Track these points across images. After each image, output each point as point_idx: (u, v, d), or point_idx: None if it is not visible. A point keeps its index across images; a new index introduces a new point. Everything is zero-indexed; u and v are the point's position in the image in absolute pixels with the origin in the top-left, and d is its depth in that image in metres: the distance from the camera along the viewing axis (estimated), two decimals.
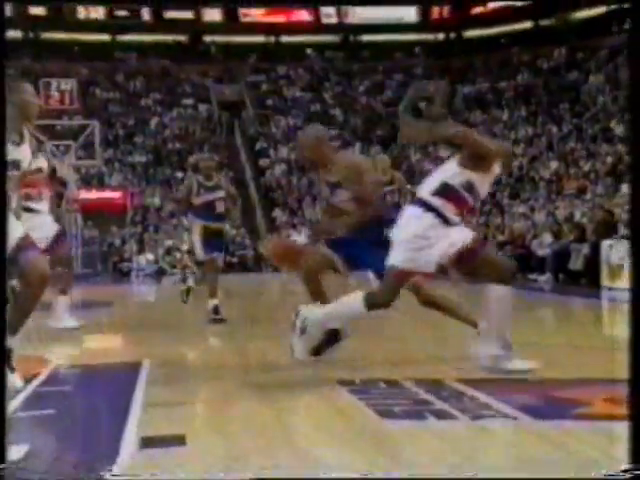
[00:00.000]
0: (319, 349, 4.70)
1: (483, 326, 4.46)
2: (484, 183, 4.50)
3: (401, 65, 35.31)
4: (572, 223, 15.48)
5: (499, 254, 4.95)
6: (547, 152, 25.22)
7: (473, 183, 4.42)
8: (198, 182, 8.19)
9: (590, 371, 4.49)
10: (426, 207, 4.38)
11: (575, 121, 26.14)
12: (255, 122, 32.65)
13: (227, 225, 8.93)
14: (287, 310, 7.76)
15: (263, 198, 28.51)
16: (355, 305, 4.50)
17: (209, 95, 33.73)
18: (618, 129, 23.16)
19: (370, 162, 5.32)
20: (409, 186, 10.38)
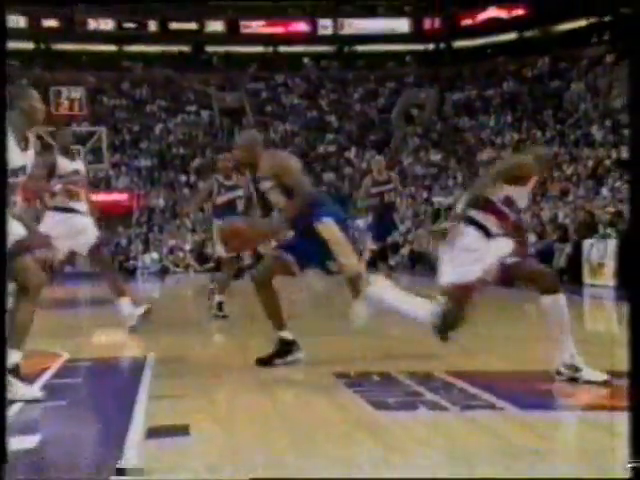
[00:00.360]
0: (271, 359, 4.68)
1: (560, 338, 4.07)
2: (523, 196, 4.30)
3: (393, 74, 35.31)
4: (555, 223, 15.49)
5: (540, 264, 4.64)
6: None
7: (511, 197, 4.22)
8: (218, 182, 8.01)
9: None
10: (468, 221, 4.17)
11: (558, 127, 26.17)
12: (255, 128, 32.61)
13: None
14: (288, 307, 7.77)
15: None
16: (422, 312, 4.35)
17: (211, 102, 33.70)
18: (598, 134, 23.19)
19: (294, 158, 5.07)
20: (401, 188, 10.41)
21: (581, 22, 31.79)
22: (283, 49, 36.99)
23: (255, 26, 37.37)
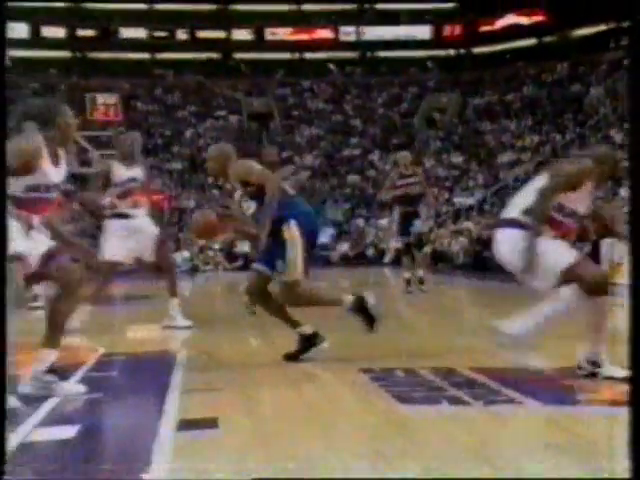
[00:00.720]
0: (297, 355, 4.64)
1: (593, 337, 3.90)
2: (579, 200, 4.02)
3: (416, 79, 35.20)
4: None
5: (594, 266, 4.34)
6: (552, 159, 25.01)
7: (564, 204, 3.97)
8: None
9: None
10: (521, 226, 3.90)
11: (578, 130, 25.91)
12: (281, 132, 32.67)
13: None
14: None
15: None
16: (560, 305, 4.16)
17: (239, 107, 33.81)
18: (617, 137, 22.92)
19: (256, 164, 4.88)
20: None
21: (600, 27, 31.45)
22: (308, 56, 37.03)
23: (281, 33, 37.46)
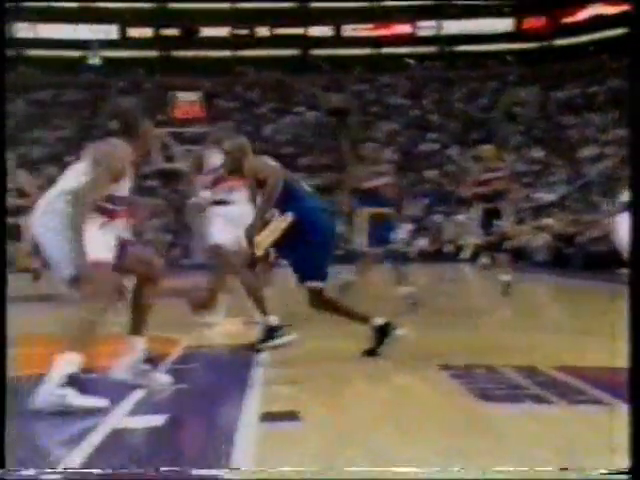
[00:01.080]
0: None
1: None
2: None
3: (495, 73, 34.57)
4: None
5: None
6: None
7: None
8: (365, 169, 7.65)
9: None
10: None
11: None
12: (359, 127, 32.65)
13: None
14: (394, 303, 7.70)
15: None
16: None
17: (318, 103, 33.93)
18: None
19: (273, 164, 4.83)
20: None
21: None
22: (387, 51, 36.85)
23: (359, 29, 37.41)
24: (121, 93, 33.93)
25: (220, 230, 6.24)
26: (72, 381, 3.25)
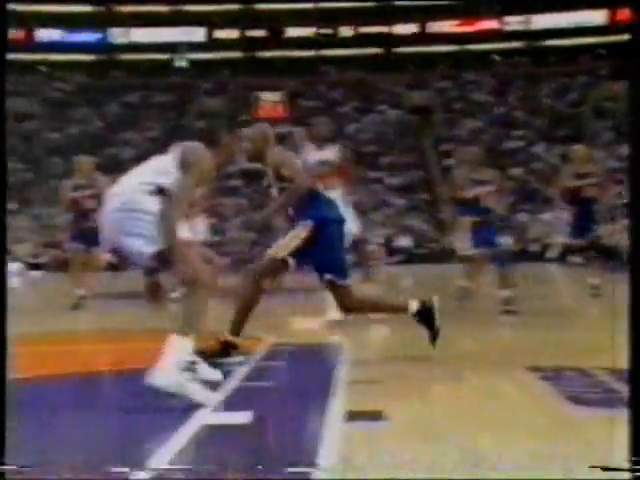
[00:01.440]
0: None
1: None
2: None
3: (586, 67, 33.56)
4: None
5: None
6: None
7: None
8: (466, 176, 7.36)
9: None
10: None
11: None
12: (442, 125, 32.27)
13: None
14: (473, 300, 7.58)
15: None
16: None
17: (400, 101, 33.75)
18: None
19: (299, 164, 4.73)
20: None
21: None
22: (472, 47, 36.31)
23: (443, 26, 36.99)
24: (207, 94, 34.63)
25: None
26: (187, 367, 3.30)
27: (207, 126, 4.51)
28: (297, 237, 4.55)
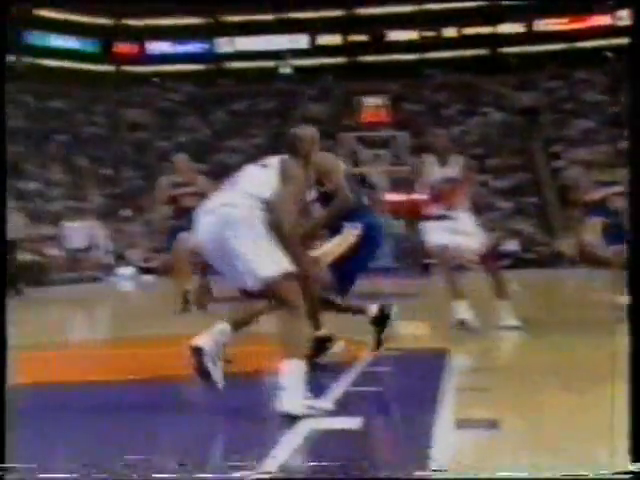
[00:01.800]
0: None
1: None
2: None
3: None
4: None
5: None
6: None
7: None
8: (590, 177, 7.28)
9: None
10: None
11: None
12: (551, 126, 31.40)
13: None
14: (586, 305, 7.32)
15: (557, 197, 27.45)
16: None
17: (506, 103, 33.08)
18: None
19: (341, 163, 4.58)
20: None
21: None
22: (582, 44, 35.14)
23: (552, 23, 35.99)
24: (311, 100, 35.03)
25: (440, 234, 6.11)
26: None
27: (291, 132, 4.35)
28: (341, 245, 4.50)
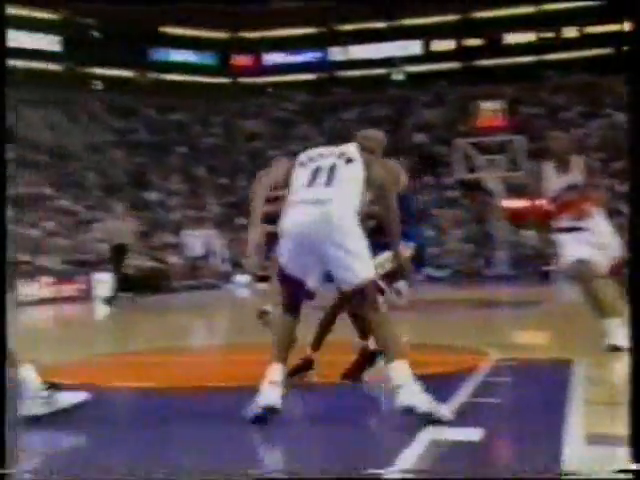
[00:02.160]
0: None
1: None
2: None
3: None
4: None
5: None
6: None
7: None
8: None
9: None
10: None
11: None
12: None
13: None
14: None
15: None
16: None
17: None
18: None
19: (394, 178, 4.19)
20: None
21: None
22: None
23: None
24: (425, 106, 34.77)
25: (579, 247, 5.69)
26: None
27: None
28: (395, 260, 4.13)
